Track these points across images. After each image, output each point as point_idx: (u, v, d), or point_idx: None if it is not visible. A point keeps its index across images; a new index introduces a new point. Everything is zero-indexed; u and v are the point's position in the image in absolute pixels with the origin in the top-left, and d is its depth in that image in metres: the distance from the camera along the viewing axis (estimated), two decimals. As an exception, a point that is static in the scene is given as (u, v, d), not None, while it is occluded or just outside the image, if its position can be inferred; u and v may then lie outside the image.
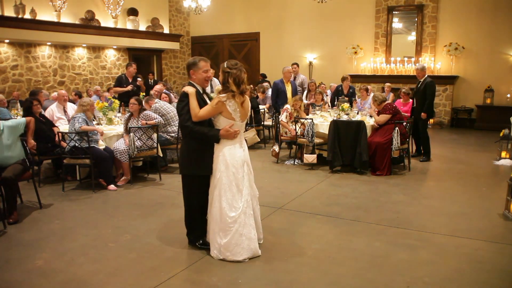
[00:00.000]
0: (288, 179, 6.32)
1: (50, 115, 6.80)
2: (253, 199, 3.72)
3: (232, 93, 3.45)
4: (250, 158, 3.81)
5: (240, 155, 3.58)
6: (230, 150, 3.55)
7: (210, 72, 3.65)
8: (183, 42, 15.74)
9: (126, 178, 6.04)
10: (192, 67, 3.63)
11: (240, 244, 3.52)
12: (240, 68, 3.49)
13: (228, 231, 3.51)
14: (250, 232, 3.56)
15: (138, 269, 3.47)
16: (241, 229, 3.52)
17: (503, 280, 3.31)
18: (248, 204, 3.58)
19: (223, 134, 3.52)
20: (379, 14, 12.46)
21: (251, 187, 3.69)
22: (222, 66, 3.53)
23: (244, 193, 3.56)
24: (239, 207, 3.52)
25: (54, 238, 4.12)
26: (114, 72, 13.11)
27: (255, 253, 3.60)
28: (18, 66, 10.56)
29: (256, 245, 3.62)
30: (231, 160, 3.53)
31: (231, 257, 3.53)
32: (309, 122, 6.76)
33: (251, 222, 3.59)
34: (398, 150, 6.47)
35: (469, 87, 11.71)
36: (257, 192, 3.85)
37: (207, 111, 3.49)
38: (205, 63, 3.63)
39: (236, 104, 3.48)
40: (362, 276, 3.33)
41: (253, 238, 3.59)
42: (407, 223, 4.48)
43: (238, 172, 3.54)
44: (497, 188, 5.78)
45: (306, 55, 13.80)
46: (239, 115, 3.54)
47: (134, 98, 6.27)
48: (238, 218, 3.51)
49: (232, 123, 3.53)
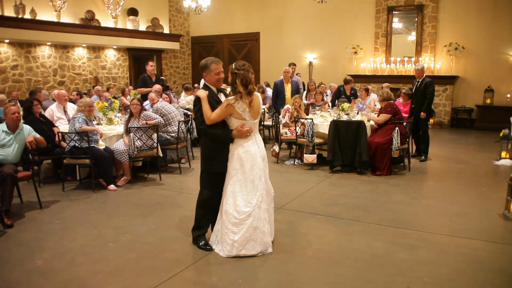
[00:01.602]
0: (288, 179, 6.32)
1: (50, 115, 6.79)
2: (267, 196, 3.78)
3: (239, 94, 3.53)
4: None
5: (255, 151, 3.66)
6: (245, 148, 3.64)
7: (222, 74, 3.72)
8: (183, 42, 15.74)
9: (126, 178, 6.04)
10: (204, 70, 3.72)
11: (254, 238, 3.59)
12: (248, 69, 3.56)
13: (242, 225, 3.58)
14: (264, 226, 3.63)
15: (138, 269, 3.47)
16: (255, 222, 3.59)
17: (503, 280, 3.31)
18: (263, 198, 3.65)
19: (235, 134, 3.63)
20: (379, 14, 12.46)
21: (266, 183, 3.76)
22: (230, 68, 3.60)
23: (259, 188, 3.63)
24: (254, 202, 3.59)
25: (54, 238, 4.12)
26: (114, 72, 13.12)
27: (267, 247, 3.66)
28: (18, 66, 10.56)
29: (269, 240, 3.69)
30: (246, 157, 3.62)
31: (245, 252, 3.59)
32: (309, 122, 6.76)
33: (266, 216, 3.66)
34: (398, 150, 6.47)
35: (469, 87, 11.71)
36: (272, 191, 3.92)
37: (217, 114, 3.59)
38: (216, 65, 3.70)
39: (244, 105, 3.55)
40: (362, 276, 3.34)
41: (266, 232, 3.65)
42: (407, 223, 4.48)
43: (254, 169, 3.62)
44: (497, 188, 5.78)
45: (306, 55, 13.80)
46: (249, 114, 3.60)
47: (136, 99, 6.29)
48: (252, 212, 3.59)
49: (243, 123, 3.61)
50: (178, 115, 6.79)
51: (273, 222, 3.92)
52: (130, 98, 8.03)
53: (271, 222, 3.85)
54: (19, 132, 4.89)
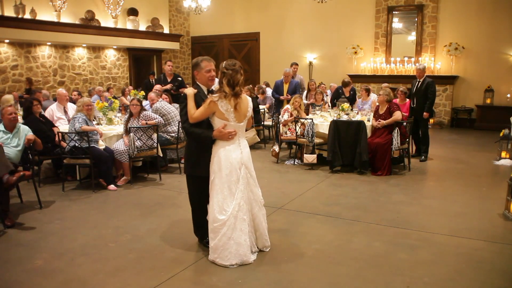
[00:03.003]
0: (288, 179, 6.32)
1: (50, 115, 6.80)
2: (254, 205, 3.62)
3: (224, 93, 3.40)
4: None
5: (236, 157, 3.49)
6: (225, 152, 3.48)
7: (213, 72, 3.62)
8: (183, 42, 15.74)
9: (126, 178, 6.04)
10: (195, 68, 3.63)
11: (227, 248, 3.43)
12: (237, 70, 3.41)
13: (217, 233, 3.46)
14: (239, 237, 3.44)
15: (138, 269, 3.47)
16: (229, 232, 3.42)
17: (503, 280, 3.31)
18: (240, 208, 3.46)
19: (216, 135, 3.47)
20: (379, 14, 12.46)
21: (251, 191, 3.59)
22: (220, 65, 3.49)
23: (236, 197, 3.46)
24: (229, 210, 3.44)
25: (54, 238, 4.12)
26: (114, 72, 13.12)
27: (244, 260, 3.47)
28: (18, 66, 10.56)
29: (247, 252, 3.48)
30: (225, 161, 3.46)
31: (219, 261, 3.47)
32: (309, 122, 6.76)
33: (243, 227, 3.46)
34: (398, 150, 6.47)
35: (469, 87, 11.71)
36: (261, 198, 3.73)
37: (200, 111, 3.46)
38: (207, 62, 3.60)
39: (228, 105, 3.41)
40: (362, 276, 3.34)
41: (243, 244, 3.45)
42: (407, 223, 4.48)
43: (232, 175, 3.46)
44: (497, 188, 5.78)
45: (306, 55, 13.80)
46: (233, 116, 3.45)
47: (136, 99, 6.29)
48: (227, 221, 3.42)
49: (224, 124, 3.47)
50: (178, 115, 6.79)
51: (264, 232, 3.70)
52: (130, 98, 8.04)
53: (261, 231, 3.66)
54: (17, 132, 4.95)
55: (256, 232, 3.66)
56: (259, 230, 3.67)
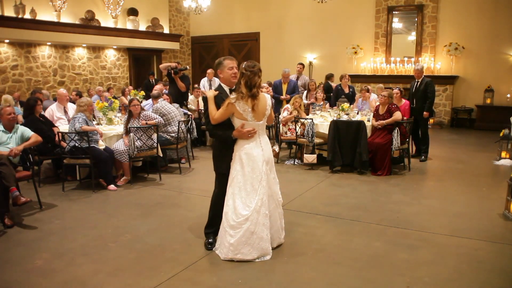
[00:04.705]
0: (288, 179, 6.31)
1: (50, 115, 6.80)
2: (271, 202, 3.71)
3: (241, 94, 3.50)
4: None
5: (258, 154, 3.60)
6: (247, 150, 3.59)
7: (236, 69, 3.70)
8: (183, 42, 15.73)
9: (126, 178, 6.04)
10: (218, 67, 3.73)
11: (250, 243, 3.52)
12: (255, 72, 3.49)
13: (239, 228, 3.52)
14: (262, 231, 3.55)
15: (138, 269, 3.47)
16: (252, 227, 3.51)
17: (503, 280, 3.31)
18: (263, 203, 3.57)
19: (235, 134, 3.60)
20: (379, 14, 12.46)
21: (270, 188, 3.69)
22: (241, 65, 3.57)
23: (259, 192, 3.56)
24: (252, 206, 3.54)
25: (54, 238, 4.12)
26: (114, 72, 13.11)
27: (265, 253, 3.59)
28: (18, 66, 10.55)
29: (268, 246, 3.60)
30: (246, 159, 3.57)
31: (241, 257, 3.52)
32: (309, 122, 6.76)
33: (265, 221, 3.58)
34: (398, 150, 6.47)
35: (469, 87, 11.71)
36: (280, 197, 3.85)
37: (220, 113, 3.57)
38: (229, 61, 3.72)
39: (246, 105, 3.51)
40: (362, 276, 3.34)
41: (265, 238, 3.57)
42: (407, 223, 4.48)
43: (254, 172, 3.57)
44: (497, 188, 5.78)
45: (306, 55, 13.80)
46: (252, 115, 3.55)
47: (136, 99, 6.30)
48: (250, 216, 3.52)
49: (243, 123, 3.57)
50: (178, 115, 6.80)
51: (281, 228, 3.83)
52: (130, 98, 8.04)
53: (276, 228, 3.77)
54: (15, 131, 4.97)
55: (270, 229, 3.71)
56: (274, 228, 3.75)
